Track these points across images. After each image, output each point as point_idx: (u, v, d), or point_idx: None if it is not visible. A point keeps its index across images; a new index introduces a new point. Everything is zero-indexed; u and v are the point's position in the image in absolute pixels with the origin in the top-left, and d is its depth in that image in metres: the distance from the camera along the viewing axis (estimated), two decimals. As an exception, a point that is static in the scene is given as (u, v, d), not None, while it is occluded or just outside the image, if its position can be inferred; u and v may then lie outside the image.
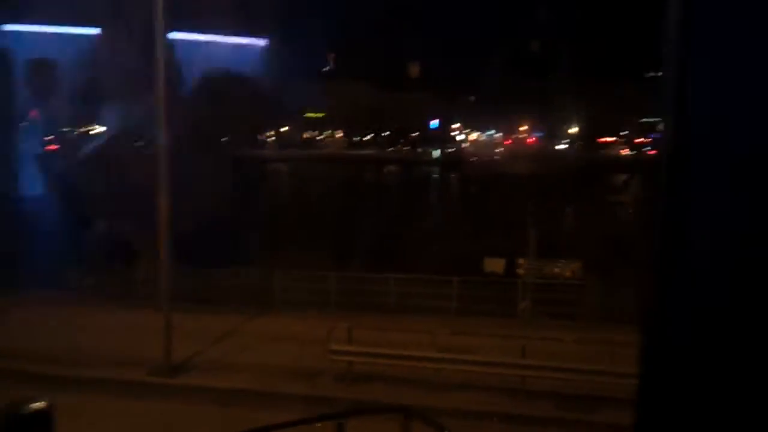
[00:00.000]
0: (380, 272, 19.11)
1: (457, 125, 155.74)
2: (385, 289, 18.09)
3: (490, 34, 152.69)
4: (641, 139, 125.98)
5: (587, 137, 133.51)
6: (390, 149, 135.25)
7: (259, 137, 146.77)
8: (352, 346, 13.52)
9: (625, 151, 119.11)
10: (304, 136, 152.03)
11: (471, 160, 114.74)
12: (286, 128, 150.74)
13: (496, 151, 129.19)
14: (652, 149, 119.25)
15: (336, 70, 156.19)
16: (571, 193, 70.77)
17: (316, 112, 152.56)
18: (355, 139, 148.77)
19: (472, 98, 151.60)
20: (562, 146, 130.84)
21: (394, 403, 10.33)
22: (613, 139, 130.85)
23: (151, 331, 14.66)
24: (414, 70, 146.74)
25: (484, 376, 12.95)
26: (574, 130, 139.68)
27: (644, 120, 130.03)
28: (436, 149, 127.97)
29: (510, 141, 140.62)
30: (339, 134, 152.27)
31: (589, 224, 51.44)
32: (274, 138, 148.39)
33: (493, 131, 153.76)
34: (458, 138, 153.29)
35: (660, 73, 1.42)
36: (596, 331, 15.50)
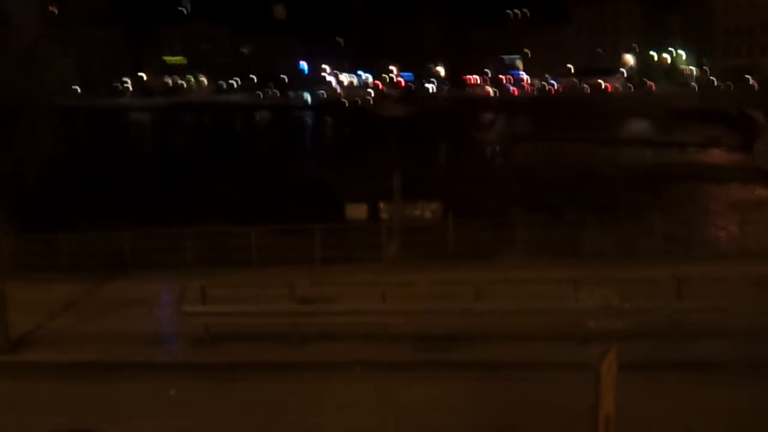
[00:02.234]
0: (242, 225, 18.41)
1: (327, 68, 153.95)
2: (246, 242, 17.45)
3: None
4: (503, 77, 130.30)
5: (454, 77, 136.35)
6: (260, 95, 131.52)
7: (115, 84, 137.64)
8: (207, 307, 12.92)
9: (488, 89, 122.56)
10: (167, 82, 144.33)
11: (342, 102, 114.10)
12: (144, 75, 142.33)
13: (369, 92, 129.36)
14: (514, 87, 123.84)
15: (195, 12, 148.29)
16: (439, 133, 72.40)
17: (175, 57, 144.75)
18: (221, 84, 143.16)
19: (341, 40, 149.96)
20: (429, 86, 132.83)
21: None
22: (478, 78, 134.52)
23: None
24: (279, 11, 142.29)
25: (345, 325, 12.83)
26: (441, 70, 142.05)
27: (506, 57, 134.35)
28: (306, 93, 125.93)
29: (380, 83, 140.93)
30: (204, 80, 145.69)
31: (456, 163, 53.02)
32: (129, 86, 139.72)
33: (363, 73, 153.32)
34: (329, 81, 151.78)
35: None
36: (456, 271, 15.85)
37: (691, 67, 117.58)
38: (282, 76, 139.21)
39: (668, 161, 52.67)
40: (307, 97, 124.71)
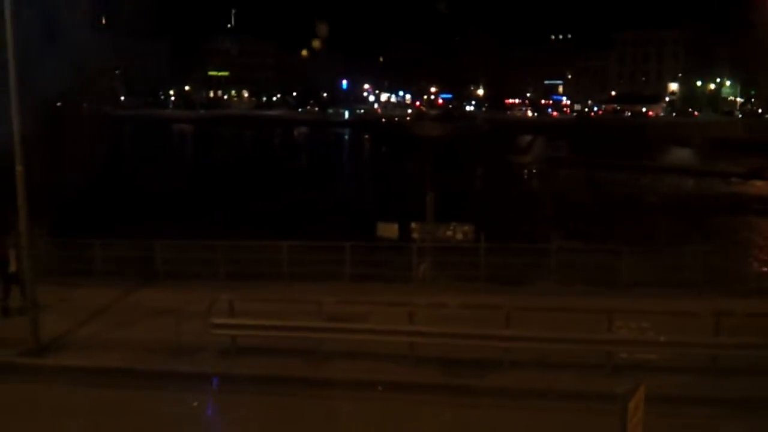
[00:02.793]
0: (275, 239, 18.47)
1: (367, 86, 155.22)
2: (278, 257, 17.49)
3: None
4: (544, 101, 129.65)
5: (494, 99, 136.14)
6: (299, 110, 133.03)
7: (160, 96, 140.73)
8: (235, 319, 12.93)
9: (529, 113, 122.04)
10: (210, 95, 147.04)
11: (382, 120, 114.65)
12: (188, 88, 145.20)
13: (408, 111, 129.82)
14: (554, 111, 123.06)
15: (241, 28, 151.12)
16: (476, 154, 72.03)
17: (219, 71, 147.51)
18: (263, 99, 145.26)
19: (382, 59, 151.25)
20: (470, 108, 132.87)
21: None
22: (518, 101, 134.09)
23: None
24: (322, 29, 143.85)
25: (371, 344, 12.70)
26: (481, 92, 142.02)
27: (548, 82, 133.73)
28: (346, 110, 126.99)
29: (420, 103, 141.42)
30: (245, 94, 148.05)
31: (491, 186, 52.62)
32: (174, 98, 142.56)
33: (402, 92, 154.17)
34: (369, 99, 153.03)
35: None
36: (486, 295, 15.62)
37: (737, 97, 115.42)
38: (323, 93, 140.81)
39: (710, 191, 51.52)
40: (346, 113, 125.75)
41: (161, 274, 17.80)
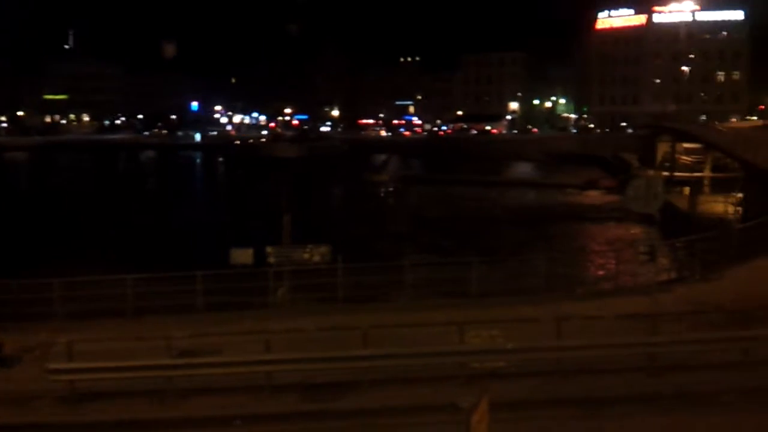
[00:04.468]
0: (118, 272, 17.33)
1: (220, 108, 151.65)
2: (122, 291, 16.39)
3: (250, 13, 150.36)
4: (396, 121, 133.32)
5: (349, 119, 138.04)
6: (146, 133, 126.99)
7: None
8: (74, 363, 11.93)
9: (383, 133, 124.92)
10: (47, 120, 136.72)
11: (235, 143, 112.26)
12: (22, 112, 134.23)
13: (263, 133, 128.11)
14: (406, 131, 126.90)
15: (82, 49, 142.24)
16: (332, 174, 72.57)
17: (56, 95, 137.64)
18: (106, 122, 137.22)
19: (234, 80, 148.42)
20: (325, 128, 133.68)
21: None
22: (372, 121, 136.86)
23: None
24: (169, 49, 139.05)
25: (227, 377, 12.21)
26: (335, 112, 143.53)
27: (399, 103, 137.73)
28: (197, 132, 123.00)
29: (275, 124, 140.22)
30: (86, 118, 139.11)
31: (348, 205, 53.15)
32: (6, 124, 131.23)
33: (257, 113, 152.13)
34: (222, 121, 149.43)
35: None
36: (345, 315, 15.59)
37: (571, 114, 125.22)
38: (171, 115, 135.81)
39: (550, 202, 55.24)
40: (197, 136, 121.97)
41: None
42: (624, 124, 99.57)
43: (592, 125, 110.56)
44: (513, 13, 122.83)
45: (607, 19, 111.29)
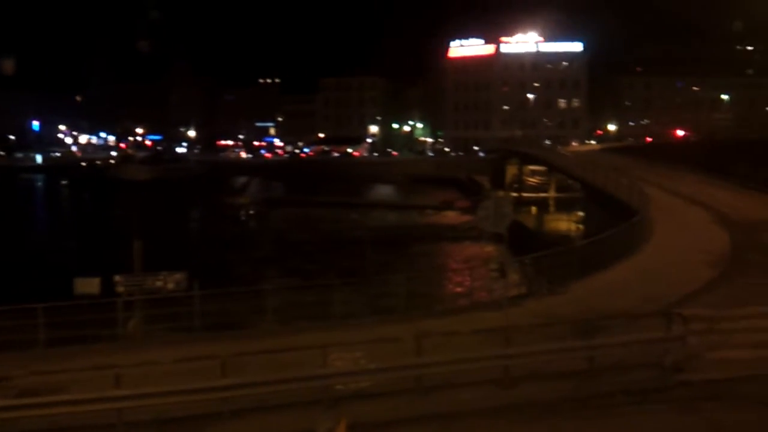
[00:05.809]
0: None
1: (64, 128, 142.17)
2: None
3: (98, 29, 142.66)
4: (257, 143, 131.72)
5: (206, 140, 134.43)
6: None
7: None
8: None
9: (243, 154, 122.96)
10: None
11: (82, 164, 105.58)
12: None
13: (112, 154, 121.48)
14: (267, 152, 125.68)
15: None
16: (188, 197, 70.13)
17: None
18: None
19: (79, 98, 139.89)
20: (181, 149, 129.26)
21: None
22: (231, 142, 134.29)
23: None
24: (7, 65, 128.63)
25: (73, 416, 11.31)
26: (192, 133, 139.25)
27: (259, 124, 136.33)
28: (38, 154, 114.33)
29: (125, 144, 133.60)
30: None
31: (205, 229, 51.52)
32: None
33: (105, 134, 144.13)
34: (66, 141, 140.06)
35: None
36: (202, 345, 15.00)
37: (428, 138, 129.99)
38: (9, 136, 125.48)
39: (410, 223, 56.80)
40: (39, 158, 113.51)
41: None
42: (476, 147, 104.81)
43: (447, 149, 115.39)
44: (370, 39, 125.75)
45: (459, 48, 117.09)
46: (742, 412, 11.50)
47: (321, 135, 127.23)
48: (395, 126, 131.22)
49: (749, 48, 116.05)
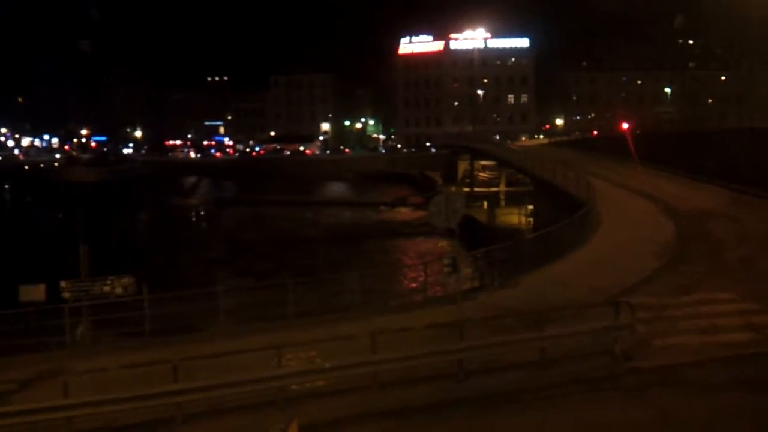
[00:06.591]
0: None
1: (5, 130, 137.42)
2: None
3: (37, 28, 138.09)
4: (206, 142, 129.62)
5: (154, 141, 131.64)
6: None
7: None
8: None
9: (192, 154, 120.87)
10: None
11: (25, 168, 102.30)
12: None
13: (56, 156, 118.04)
14: (217, 152, 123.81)
15: None
16: (136, 199, 68.65)
17: None
18: None
19: (21, 99, 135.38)
20: (127, 150, 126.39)
21: None
22: (180, 142, 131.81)
23: None
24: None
25: (21, 426, 10.96)
26: (138, 133, 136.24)
27: (208, 123, 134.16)
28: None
29: (70, 147, 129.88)
30: None
31: (153, 231, 50.48)
32: None
33: (49, 136, 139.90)
34: (8, 144, 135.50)
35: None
36: (153, 350, 14.69)
37: (380, 134, 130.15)
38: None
39: (364, 220, 56.81)
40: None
41: None
42: (428, 144, 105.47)
43: (399, 145, 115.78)
44: (320, 36, 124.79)
45: (409, 45, 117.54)
46: (690, 397, 11.85)
47: (272, 133, 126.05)
48: (347, 123, 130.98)
49: (690, 42, 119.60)
